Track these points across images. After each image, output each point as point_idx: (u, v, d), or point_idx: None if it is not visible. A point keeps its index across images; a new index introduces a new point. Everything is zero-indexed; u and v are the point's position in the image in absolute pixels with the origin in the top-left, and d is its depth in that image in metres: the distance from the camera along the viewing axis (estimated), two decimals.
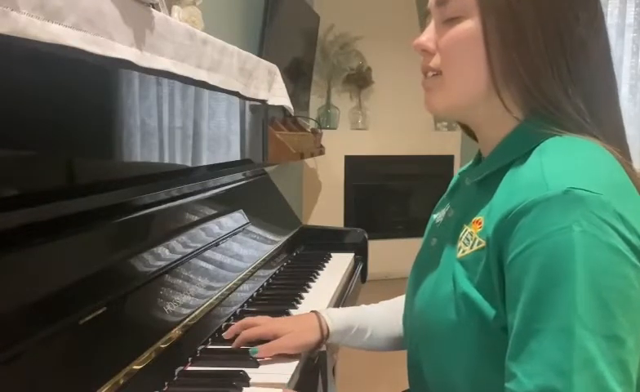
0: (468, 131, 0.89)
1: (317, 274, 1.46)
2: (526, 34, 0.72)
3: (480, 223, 0.74)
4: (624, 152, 0.73)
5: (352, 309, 1.04)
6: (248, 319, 1.03)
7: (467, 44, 0.75)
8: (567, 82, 0.72)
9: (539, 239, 0.63)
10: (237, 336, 0.99)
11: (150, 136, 1.07)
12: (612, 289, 0.62)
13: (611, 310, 0.61)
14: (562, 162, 0.68)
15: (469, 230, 0.75)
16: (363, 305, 1.06)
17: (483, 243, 0.71)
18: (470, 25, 0.74)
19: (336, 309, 1.03)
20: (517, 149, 0.74)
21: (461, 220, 0.79)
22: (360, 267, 1.68)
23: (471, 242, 0.74)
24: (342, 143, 4.24)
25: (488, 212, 0.73)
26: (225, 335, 1.00)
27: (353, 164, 4.34)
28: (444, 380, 0.78)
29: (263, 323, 1.00)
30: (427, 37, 0.79)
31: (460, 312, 0.73)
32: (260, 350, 0.93)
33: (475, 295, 0.71)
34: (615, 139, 0.73)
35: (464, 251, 0.75)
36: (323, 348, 0.99)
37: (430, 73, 0.80)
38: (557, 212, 0.63)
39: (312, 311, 1.02)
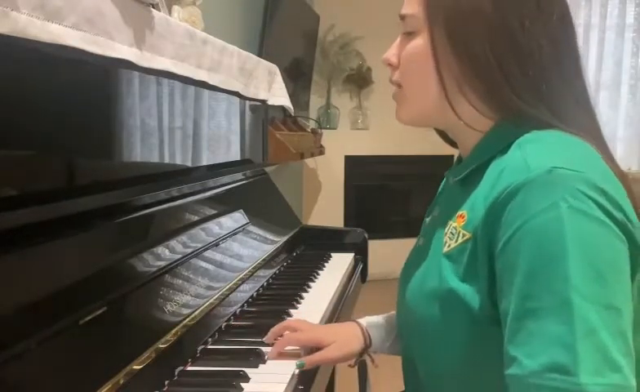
0: (445, 138, 0.91)
1: (317, 274, 1.46)
2: (474, 46, 0.74)
3: (463, 217, 0.76)
4: (601, 149, 0.73)
5: (388, 317, 1.04)
6: (290, 322, 1.03)
7: (419, 58, 0.79)
8: (523, 89, 0.74)
9: (527, 220, 0.64)
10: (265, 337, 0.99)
11: (150, 136, 1.07)
12: (605, 260, 0.63)
13: (607, 280, 0.62)
14: (542, 147, 0.70)
15: (454, 225, 0.77)
16: (394, 312, 1.05)
17: (468, 235, 0.73)
18: (421, 40, 0.78)
19: (374, 317, 1.03)
20: (495, 145, 0.76)
21: (446, 217, 0.80)
22: (360, 267, 1.68)
23: (455, 235, 0.76)
24: (342, 143, 4.24)
25: (471, 205, 0.75)
26: (266, 339, 0.98)
27: (353, 164, 4.34)
28: (435, 372, 0.80)
29: (305, 329, 0.99)
30: (392, 52, 0.84)
31: (446, 307, 0.74)
32: (306, 363, 0.91)
33: (461, 288, 0.73)
34: (589, 138, 0.74)
35: (449, 246, 0.76)
36: (364, 357, 0.99)
37: (395, 86, 0.84)
38: (542, 192, 0.65)
39: (352, 320, 1.02)
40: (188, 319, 0.95)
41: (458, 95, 0.77)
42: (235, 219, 1.38)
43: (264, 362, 0.92)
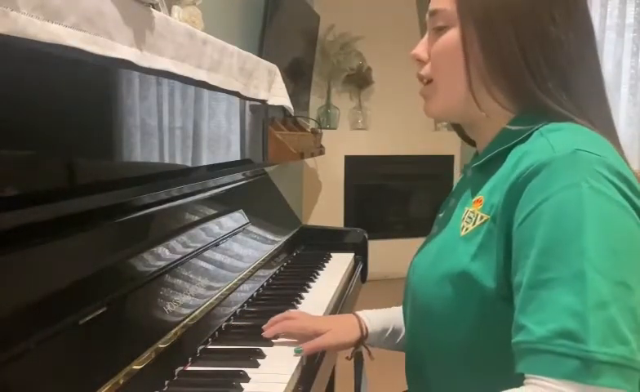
0: (463, 136, 0.93)
1: (317, 274, 1.46)
2: (501, 41, 0.75)
3: (480, 201, 0.77)
4: (614, 143, 0.75)
5: (386, 311, 1.05)
6: (289, 313, 1.05)
7: (450, 52, 0.80)
8: (548, 81, 0.75)
9: (548, 196, 0.66)
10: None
11: (150, 136, 1.07)
12: (621, 239, 0.64)
13: (621, 258, 0.63)
14: (565, 134, 0.72)
15: (471, 209, 0.78)
16: (395, 307, 1.06)
17: (485, 217, 0.75)
18: (453, 34, 0.79)
19: (372, 310, 1.05)
20: (515, 135, 0.77)
21: (463, 204, 0.82)
22: (360, 267, 1.68)
23: (473, 218, 0.77)
24: (342, 143, 4.23)
25: (490, 189, 0.76)
26: (265, 327, 1.01)
27: (353, 164, 4.33)
28: (444, 358, 0.80)
29: (302, 319, 1.02)
30: (421, 48, 0.85)
31: (458, 287, 0.76)
32: (303, 348, 0.93)
33: (473, 267, 0.74)
34: (606, 132, 0.76)
35: (467, 229, 0.78)
36: (360, 349, 1.00)
37: (424, 81, 0.85)
38: (565, 171, 0.66)
39: (350, 313, 1.04)
40: (188, 319, 0.95)
41: (482, 89, 0.78)
42: (235, 219, 1.38)
43: (264, 359, 0.92)
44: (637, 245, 0.65)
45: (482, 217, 0.75)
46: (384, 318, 1.03)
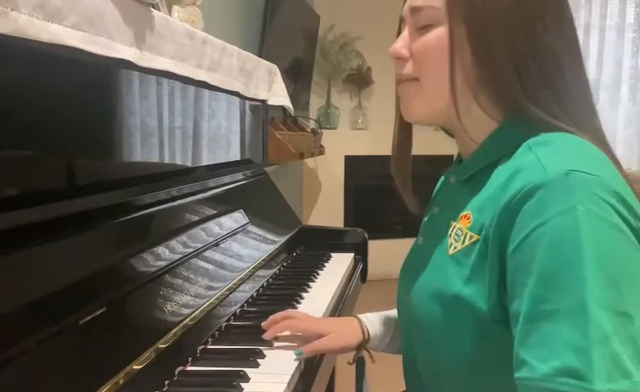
0: (448, 132, 0.90)
1: (317, 274, 1.46)
2: (493, 46, 0.73)
3: (469, 218, 0.75)
4: (607, 152, 0.73)
5: (388, 314, 1.04)
6: (290, 312, 1.04)
7: (438, 51, 0.75)
8: (539, 91, 0.73)
9: (544, 222, 0.63)
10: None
11: (150, 136, 1.07)
12: (619, 267, 0.62)
13: (620, 287, 0.61)
14: (556, 150, 0.69)
15: (458, 226, 0.76)
16: (396, 309, 1.05)
17: (475, 237, 0.72)
18: (441, 33, 0.75)
19: (373, 313, 1.04)
20: (502, 147, 0.75)
21: (448, 217, 0.79)
22: (360, 267, 1.68)
23: (462, 237, 0.75)
24: (342, 143, 4.24)
25: (479, 207, 0.74)
26: (264, 324, 1.01)
27: (353, 164, 4.34)
28: (438, 374, 0.79)
29: (304, 320, 1.01)
30: (401, 43, 0.80)
31: (451, 309, 0.74)
32: (304, 351, 0.93)
33: (466, 291, 0.72)
34: (596, 140, 0.73)
35: (455, 248, 0.75)
36: (362, 353, 1.00)
37: (405, 80, 0.80)
38: (559, 194, 0.64)
39: (352, 315, 1.03)
40: (188, 319, 0.95)
41: (468, 94, 0.75)
42: (235, 219, 1.38)
43: (264, 359, 0.92)
44: (635, 270, 0.63)
45: (471, 237, 0.73)
46: (386, 321, 1.02)
